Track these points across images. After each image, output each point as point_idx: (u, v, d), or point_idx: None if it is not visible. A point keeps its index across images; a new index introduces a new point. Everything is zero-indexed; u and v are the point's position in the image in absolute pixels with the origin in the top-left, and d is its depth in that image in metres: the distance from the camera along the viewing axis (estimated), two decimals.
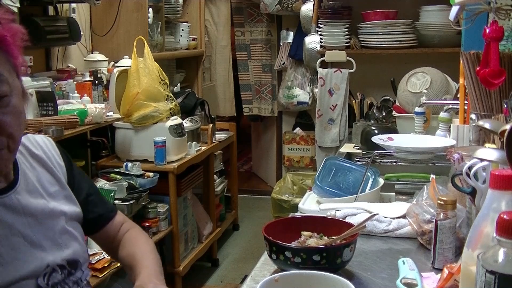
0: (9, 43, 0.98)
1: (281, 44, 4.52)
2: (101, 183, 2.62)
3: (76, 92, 2.80)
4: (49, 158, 1.19)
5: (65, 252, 1.12)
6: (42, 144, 1.21)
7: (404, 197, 1.69)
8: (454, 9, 1.48)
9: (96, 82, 2.99)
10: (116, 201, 2.54)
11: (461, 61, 1.68)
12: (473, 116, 1.60)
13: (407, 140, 1.94)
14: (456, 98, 2.26)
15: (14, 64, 1.02)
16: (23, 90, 1.05)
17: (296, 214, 1.57)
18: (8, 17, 0.99)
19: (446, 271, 1.02)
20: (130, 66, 2.94)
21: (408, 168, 1.95)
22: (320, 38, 3.73)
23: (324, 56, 3.66)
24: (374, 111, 2.90)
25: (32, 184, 1.12)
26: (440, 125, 2.07)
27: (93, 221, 1.27)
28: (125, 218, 1.38)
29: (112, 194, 2.54)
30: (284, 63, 4.46)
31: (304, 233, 1.23)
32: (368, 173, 1.70)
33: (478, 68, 1.35)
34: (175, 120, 2.99)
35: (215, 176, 3.80)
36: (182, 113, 3.29)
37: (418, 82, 2.65)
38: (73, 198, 1.20)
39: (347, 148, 2.55)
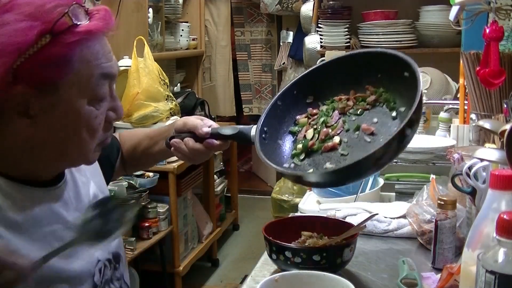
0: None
1: (281, 44, 4.52)
2: None
3: None
4: None
5: (111, 244, 1.03)
6: None
7: (404, 197, 1.69)
8: (454, 9, 1.48)
9: None
10: None
11: (461, 61, 1.68)
12: (473, 116, 1.61)
13: None
14: (456, 98, 2.26)
15: None
16: None
17: (296, 214, 1.57)
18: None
19: (446, 271, 1.02)
20: (130, 66, 2.94)
21: (408, 168, 1.95)
22: (320, 38, 3.73)
23: (324, 56, 3.66)
24: None
25: (86, 170, 1.05)
26: (440, 125, 2.07)
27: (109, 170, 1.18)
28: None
29: (112, 194, 2.54)
30: (284, 63, 4.46)
31: (304, 233, 1.23)
32: None
33: (478, 68, 1.36)
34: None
35: (215, 176, 3.80)
36: (182, 113, 3.28)
37: None
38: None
39: None
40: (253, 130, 1.08)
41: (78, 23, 0.83)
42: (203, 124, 1.08)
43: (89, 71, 0.86)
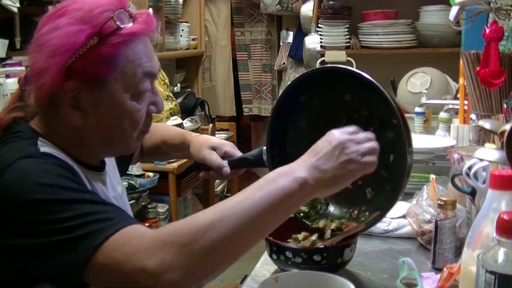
0: None
1: (281, 44, 4.51)
2: None
3: None
4: None
5: None
6: None
7: (404, 197, 1.69)
8: (454, 9, 1.48)
9: None
10: None
11: (461, 61, 1.69)
12: (473, 116, 1.61)
13: None
14: (456, 98, 2.26)
15: None
16: None
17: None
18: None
19: (446, 271, 1.02)
20: None
21: None
22: (320, 38, 3.73)
23: (324, 56, 3.66)
24: None
25: (110, 163, 1.16)
26: (440, 125, 2.07)
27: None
28: None
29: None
30: (284, 63, 4.46)
31: (305, 233, 1.23)
32: None
33: (478, 68, 1.36)
34: (175, 120, 2.99)
35: None
36: (182, 113, 3.29)
37: (418, 82, 2.65)
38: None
39: None
40: (264, 152, 1.23)
41: (122, 26, 0.92)
42: (222, 164, 1.24)
43: (133, 69, 0.96)
